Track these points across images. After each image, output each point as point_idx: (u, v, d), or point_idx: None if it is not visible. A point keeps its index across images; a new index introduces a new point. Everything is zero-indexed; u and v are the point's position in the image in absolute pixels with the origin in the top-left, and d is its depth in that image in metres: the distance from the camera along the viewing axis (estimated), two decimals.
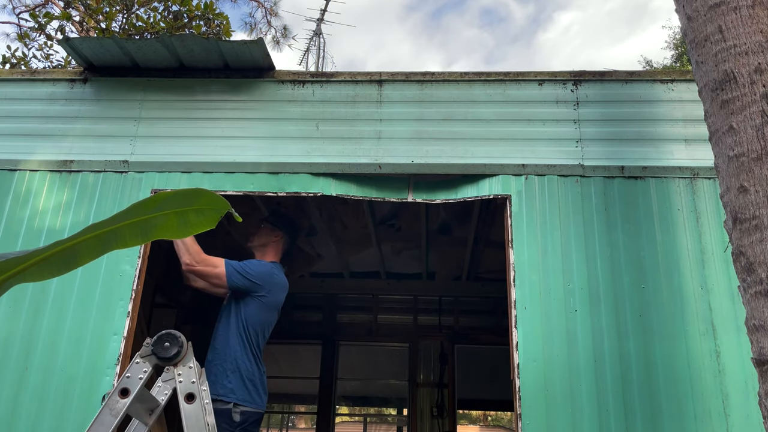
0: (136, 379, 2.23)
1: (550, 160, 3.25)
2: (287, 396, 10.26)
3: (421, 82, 3.48)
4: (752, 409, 2.73)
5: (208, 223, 1.11)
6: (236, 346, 3.10)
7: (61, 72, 3.66)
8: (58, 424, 2.85)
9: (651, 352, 2.86)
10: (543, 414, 2.79)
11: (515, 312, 2.95)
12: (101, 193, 3.29)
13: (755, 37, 2.23)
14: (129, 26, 9.12)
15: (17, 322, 3.03)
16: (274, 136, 3.40)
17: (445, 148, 3.32)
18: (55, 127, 3.47)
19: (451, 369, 6.38)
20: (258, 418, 3.12)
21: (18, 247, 3.17)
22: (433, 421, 6.30)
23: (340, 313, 6.64)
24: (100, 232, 1.06)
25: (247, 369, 3.08)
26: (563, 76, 3.45)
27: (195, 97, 3.52)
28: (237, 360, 3.07)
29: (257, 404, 3.09)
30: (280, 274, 3.37)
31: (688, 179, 3.18)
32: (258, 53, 3.39)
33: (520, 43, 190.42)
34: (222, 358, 3.08)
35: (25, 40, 9.64)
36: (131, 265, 3.11)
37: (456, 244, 5.24)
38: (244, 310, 3.17)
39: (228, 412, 2.94)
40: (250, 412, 3.03)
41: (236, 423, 2.96)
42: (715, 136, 2.30)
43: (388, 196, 3.30)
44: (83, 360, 2.96)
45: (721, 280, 2.96)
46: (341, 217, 4.72)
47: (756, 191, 2.07)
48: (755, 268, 2.02)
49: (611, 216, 3.12)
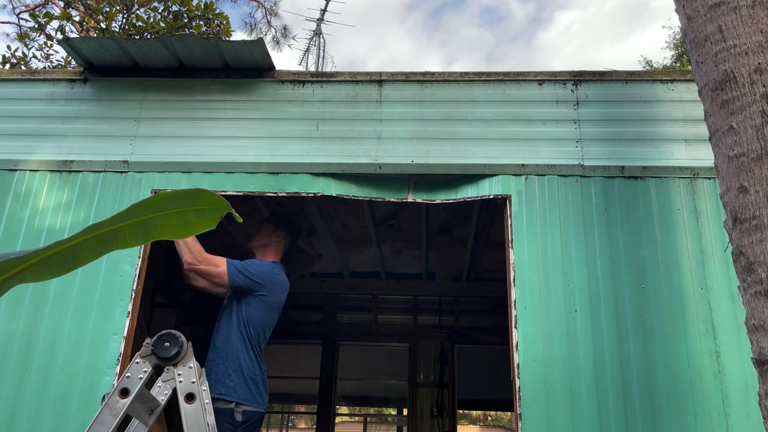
0: (136, 379, 2.23)
1: (550, 160, 3.25)
2: (287, 396, 10.26)
3: (421, 82, 3.48)
4: (752, 409, 2.73)
5: (208, 224, 1.11)
6: (238, 345, 3.10)
7: (61, 72, 3.66)
8: (58, 424, 2.85)
9: (651, 352, 2.86)
10: (543, 414, 2.79)
11: (515, 312, 2.95)
12: (101, 193, 3.29)
13: (755, 37, 2.23)
14: (129, 26, 9.12)
15: (17, 322, 3.03)
16: (274, 136, 3.40)
17: (445, 148, 3.32)
18: (55, 127, 3.47)
19: (451, 369, 6.38)
20: (259, 417, 3.12)
21: (18, 247, 3.17)
22: (433, 421, 6.31)
23: (340, 313, 6.64)
24: (100, 232, 1.06)
25: (249, 368, 3.08)
26: (563, 76, 3.45)
27: (195, 97, 3.52)
28: (239, 359, 3.07)
29: (259, 404, 3.09)
30: (281, 273, 3.38)
31: (688, 179, 3.18)
32: (258, 53, 3.39)
33: (521, 42, 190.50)
34: (223, 357, 3.08)
35: (25, 40, 9.64)
36: (131, 265, 3.11)
37: (456, 244, 5.24)
38: (245, 310, 3.17)
39: (230, 411, 2.94)
40: (252, 412, 3.03)
41: (238, 423, 2.95)
42: (715, 136, 2.30)
43: (388, 196, 3.30)
44: (83, 360, 2.96)
45: (721, 280, 2.96)
46: (341, 217, 4.72)
47: (756, 191, 2.07)
48: (755, 268, 2.02)
49: (611, 216, 3.12)
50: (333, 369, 6.59)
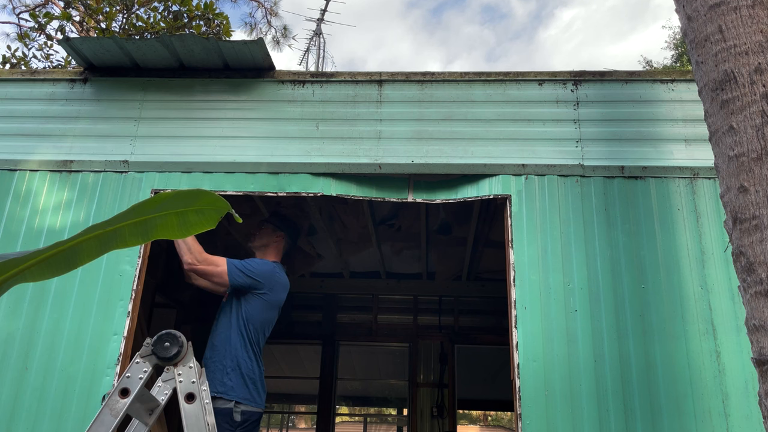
0: (136, 379, 2.23)
1: (550, 160, 3.25)
2: (287, 396, 10.26)
3: (421, 82, 3.48)
4: (752, 409, 2.73)
5: (208, 224, 1.11)
6: (237, 343, 3.10)
7: (61, 72, 3.66)
8: (58, 424, 2.85)
9: (651, 352, 2.86)
10: (543, 414, 2.79)
11: (515, 312, 2.95)
12: (101, 193, 3.29)
13: (755, 37, 2.23)
14: (129, 26, 9.12)
15: (17, 322, 3.03)
16: (274, 136, 3.40)
17: (445, 148, 3.32)
18: (55, 127, 3.47)
19: (451, 369, 6.37)
20: (258, 417, 3.11)
21: (18, 247, 3.17)
22: (433, 421, 6.30)
23: (340, 313, 6.64)
24: (101, 232, 1.06)
25: (248, 367, 3.08)
26: (563, 76, 3.45)
27: (195, 97, 3.52)
28: (237, 358, 3.07)
29: (257, 403, 3.08)
30: (282, 273, 3.38)
31: (688, 179, 3.18)
32: (258, 53, 3.39)
33: (522, 39, 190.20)
34: (222, 356, 3.08)
35: (25, 40, 9.64)
36: (131, 265, 3.11)
37: (456, 244, 5.24)
38: (245, 308, 3.17)
39: (229, 411, 2.94)
40: (251, 412, 3.03)
41: (237, 423, 2.95)
42: (715, 136, 2.30)
43: (388, 196, 3.30)
44: (83, 360, 2.95)
45: (721, 280, 2.96)
46: (341, 217, 4.72)
47: (756, 191, 2.07)
48: (755, 268, 2.02)
49: (611, 216, 3.12)
50: (333, 369, 6.59)
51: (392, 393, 9.51)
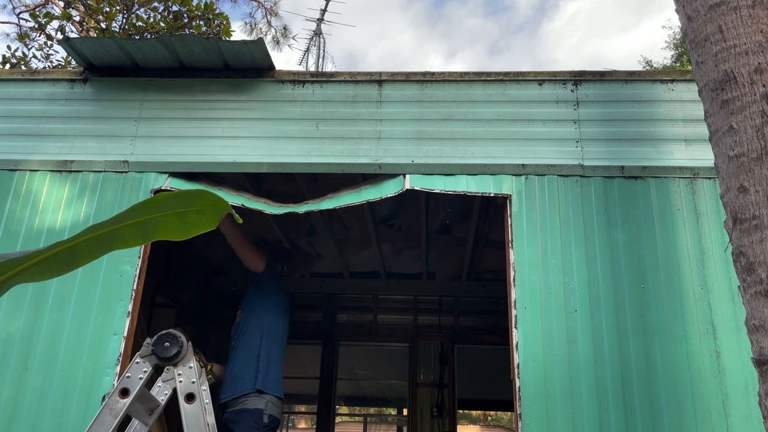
0: (136, 379, 2.23)
1: (550, 160, 3.25)
2: (287, 396, 10.24)
3: (421, 82, 3.48)
4: (752, 409, 2.73)
5: (208, 224, 1.11)
6: (261, 353, 3.36)
7: (61, 72, 3.66)
8: (58, 424, 2.85)
9: (651, 352, 2.86)
10: (543, 414, 2.79)
11: (515, 312, 2.95)
12: (101, 193, 3.29)
13: (755, 37, 2.23)
14: (129, 26, 9.11)
15: (17, 322, 3.03)
16: (274, 136, 3.40)
17: (445, 148, 3.32)
18: (55, 127, 3.47)
19: (451, 369, 6.37)
20: (278, 425, 3.27)
21: (18, 247, 3.17)
22: (433, 421, 6.30)
23: (340, 313, 6.63)
24: (101, 232, 1.06)
25: (275, 370, 3.38)
26: (563, 76, 3.45)
27: (195, 97, 3.52)
28: (265, 359, 3.35)
29: (280, 407, 3.31)
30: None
31: (688, 179, 3.18)
32: (258, 53, 3.38)
33: (525, 32, 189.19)
34: (249, 358, 3.33)
35: (25, 40, 9.63)
36: (131, 265, 3.11)
37: (456, 244, 5.24)
38: (267, 320, 3.47)
39: (259, 413, 3.12)
40: (275, 418, 3.17)
41: (264, 425, 3.08)
42: (715, 136, 2.30)
43: (386, 194, 3.30)
44: (83, 360, 2.96)
45: (721, 280, 2.96)
46: (341, 217, 4.72)
47: (756, 191, 2.07)
48: (755, 268, 2.02)
49: (611, 216, 3.12)
50: (333, 369, 6.58)
51: (392, 393, 9.50)
